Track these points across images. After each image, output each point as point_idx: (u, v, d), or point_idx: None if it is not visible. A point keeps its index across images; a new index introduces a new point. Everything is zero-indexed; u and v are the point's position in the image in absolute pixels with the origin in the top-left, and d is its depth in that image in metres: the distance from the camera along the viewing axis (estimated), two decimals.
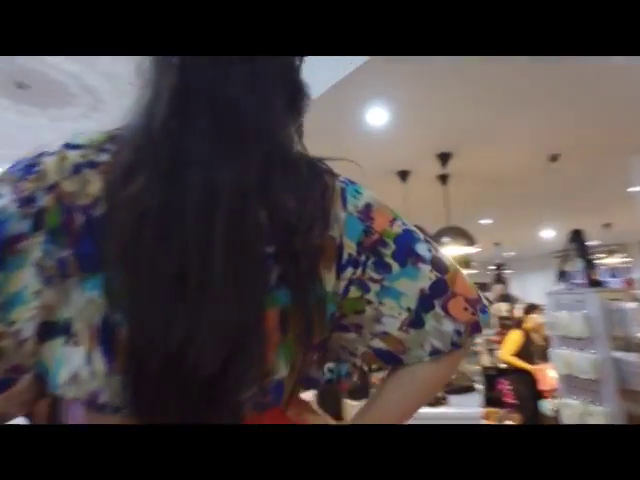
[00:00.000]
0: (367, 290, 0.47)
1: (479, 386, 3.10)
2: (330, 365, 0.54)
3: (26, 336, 0.40)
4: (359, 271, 0.46)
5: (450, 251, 3.34)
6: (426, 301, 0.47)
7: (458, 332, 0.48)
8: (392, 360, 0.50)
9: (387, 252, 0.47)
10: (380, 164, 3.36)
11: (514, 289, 7.51)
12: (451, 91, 2.35)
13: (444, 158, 3.26)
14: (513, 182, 3.99)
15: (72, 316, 0.40)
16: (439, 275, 0.48)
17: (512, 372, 3.66)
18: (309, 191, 0.44)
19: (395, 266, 0.47)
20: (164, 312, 0.38)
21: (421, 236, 0.50)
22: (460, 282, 0.49)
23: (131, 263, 0.39)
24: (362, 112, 2.60)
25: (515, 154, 3.34)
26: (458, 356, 0.51)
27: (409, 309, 0.47)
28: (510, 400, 3.65)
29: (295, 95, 0.51)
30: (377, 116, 2.65)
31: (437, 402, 2.72)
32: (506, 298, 5.41)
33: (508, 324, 4.28)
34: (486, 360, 4.30)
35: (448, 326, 0.48)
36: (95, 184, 0.41)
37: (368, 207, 0.48)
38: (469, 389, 2.87)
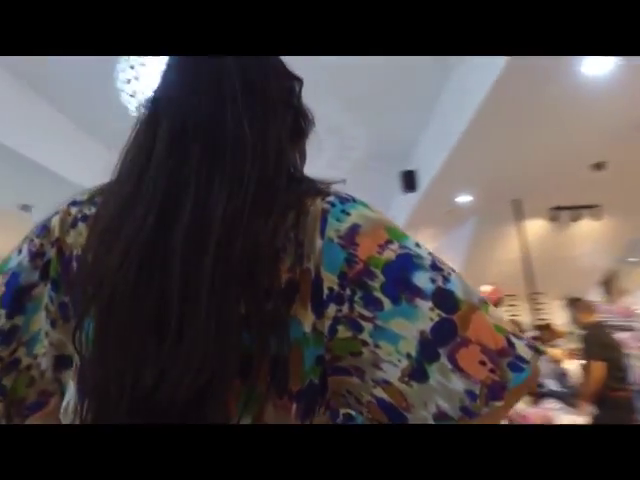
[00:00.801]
0: (359, 330, 0.41)
1: None
2: (352, 412, 0.47)
3: (44, 367, 0.49)
4: (345, 308, 0.41)
5: None
6: (428, 348, 0.39)
7: (471, 394, 0.39)
8: (397, 417, 0.42)
9: (375, 284, 0.40)
10: (617, 123, 2.60)
11: None
12: None
13: None
14: None
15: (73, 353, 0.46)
16: (444, 315, 0.39)
17: None
18: (277, 219, 0.41)
19: (386, 302, 0.40)
20: (135, 356, 0.38)
21: (426, 262, 0.42)
22: (477, 325, 0.39)
23: (104, 309, 0.40)
24: (574, 64, 2.05)
25: None
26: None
27: (409, 356, 0.40)
28: None
29: (297, 120, 0.51)
30: (596, 64, 2.05)
31: None
32: None
33: None
34: None
35: (457, 384, 0.39)
36: (83, 235, 0.48)
37: (353, 230, 0.42)
38: None
